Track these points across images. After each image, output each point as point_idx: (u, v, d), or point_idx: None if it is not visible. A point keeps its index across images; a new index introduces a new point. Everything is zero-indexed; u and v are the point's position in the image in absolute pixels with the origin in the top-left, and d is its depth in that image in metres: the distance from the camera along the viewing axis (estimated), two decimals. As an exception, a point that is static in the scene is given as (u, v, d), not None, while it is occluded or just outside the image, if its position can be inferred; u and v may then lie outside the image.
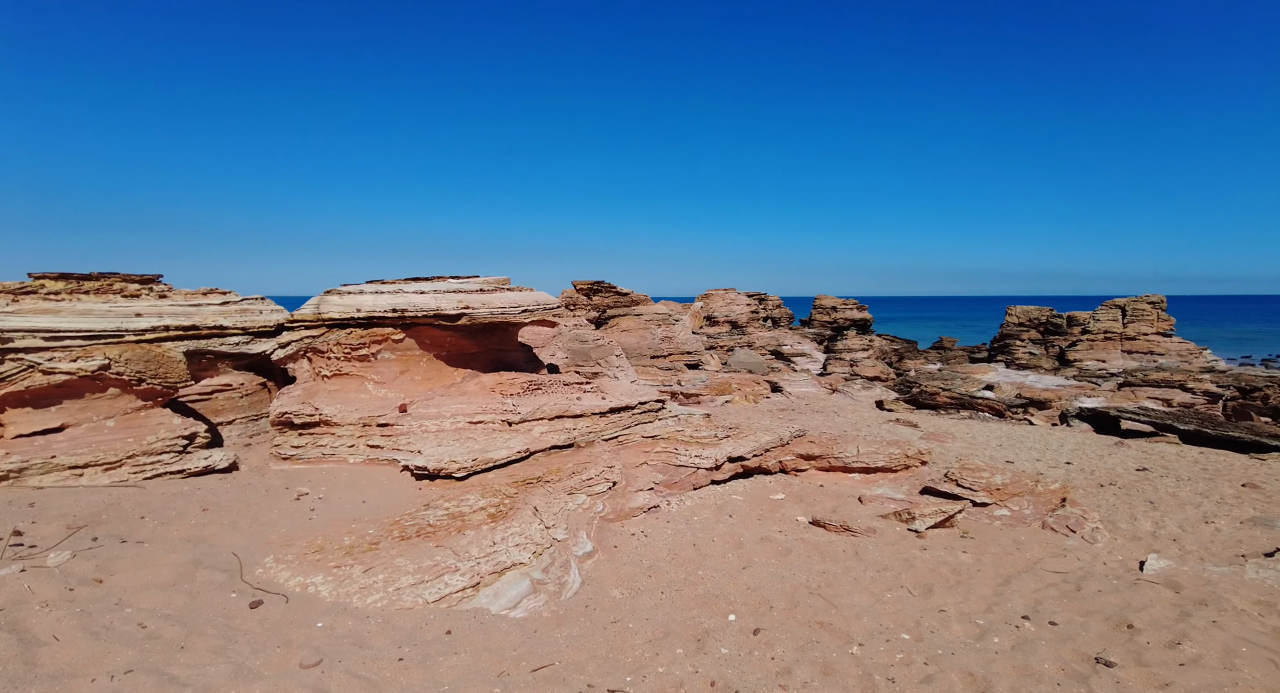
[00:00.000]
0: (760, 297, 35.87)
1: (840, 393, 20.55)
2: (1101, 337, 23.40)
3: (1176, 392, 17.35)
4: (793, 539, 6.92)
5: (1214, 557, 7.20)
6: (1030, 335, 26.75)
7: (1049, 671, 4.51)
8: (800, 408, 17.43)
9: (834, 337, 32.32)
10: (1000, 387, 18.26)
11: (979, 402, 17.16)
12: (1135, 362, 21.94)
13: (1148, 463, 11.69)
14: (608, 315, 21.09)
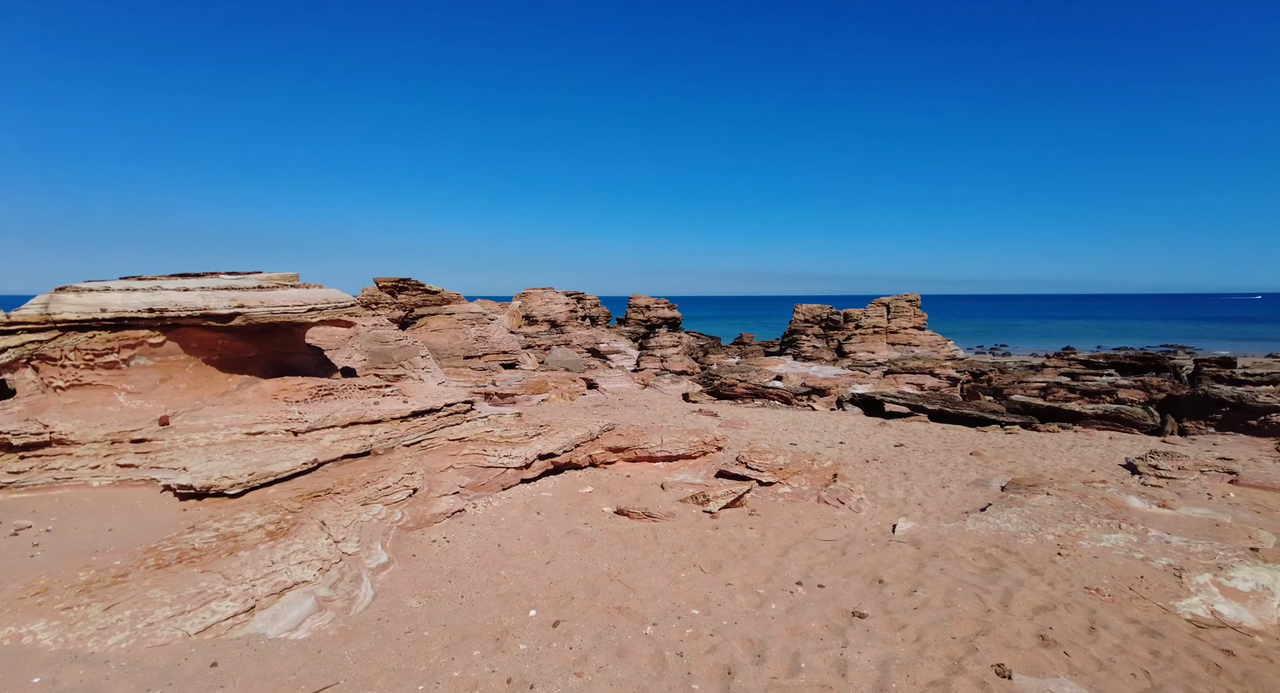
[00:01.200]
0: (578, 296, 36.31)
1: (651, 387, 21.44)
2: (871, 331, 26.82)
3: (927, 377, 20.38)
4: (597, 530, 7.11)
5: (947, 515, 8.55)
6: (814, 331, 29.90)
7: (814, 628, 5.09)
8: (614, 403, 17.92)
9: (647, 334, 33.63)
10: (788, 377, 20.17)
11: (770, 391, 18.81)
12: (898, 352, 25.41)
13: (904, 440, 13.58)
14: (415, 315, 20.12)
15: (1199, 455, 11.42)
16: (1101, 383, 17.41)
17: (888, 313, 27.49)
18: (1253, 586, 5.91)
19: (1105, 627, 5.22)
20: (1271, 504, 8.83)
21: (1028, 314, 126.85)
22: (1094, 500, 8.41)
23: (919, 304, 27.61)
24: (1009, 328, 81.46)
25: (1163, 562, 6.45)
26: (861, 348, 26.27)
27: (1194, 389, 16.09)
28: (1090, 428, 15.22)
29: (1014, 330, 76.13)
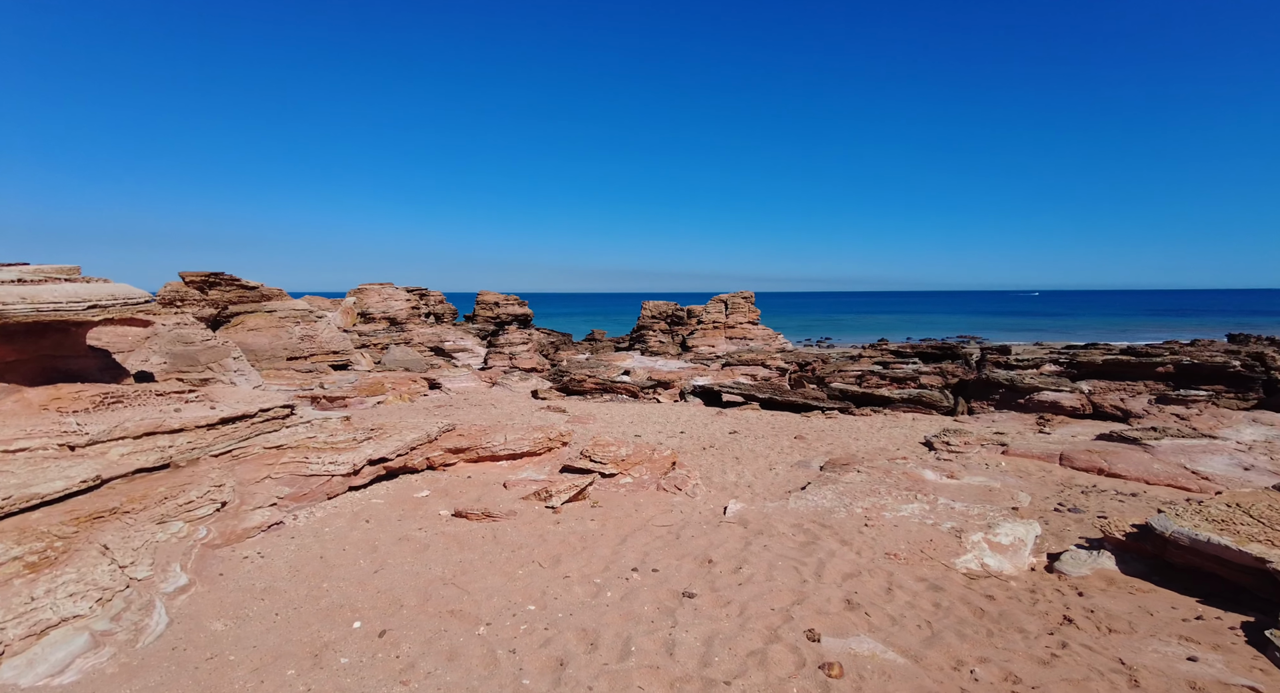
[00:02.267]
0: (421, 292, 34.72)
1: (499, 385, 21.03)
2: (711, 326, 28.17)
3: (760, 368, 21.76)
4: (433, 534, 6.87)
5: (772, 495, 9.19)
6: (661, 327, 30.87)
7: (647, 611, 5.27)
8: (459, 403, 17.37)
9: (496, 332, 32.91)
10: (636, 371, 20.66)
11: (618, 385, 19.17)
12: (735, 346, 26.89)
13: (738, 427, 14.40)
14: (230, 313, 18.20)
15: (980, 431, 13.18)
16: (907, 370, 19.53)
17: (726, 309, 29.00)
18: (1012, 539, 6.92)
19: (900, 587, 5.87)
20: (1030, 470, 10.39)
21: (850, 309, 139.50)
22: (896, 475, 9.44)
23: (753, 301, 29.38)
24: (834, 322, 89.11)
25: (948, 525, 7.37)
26: (703, 342, 27.50)
27: (979, 374, 18.53)
28: (897, 411, 17.04)
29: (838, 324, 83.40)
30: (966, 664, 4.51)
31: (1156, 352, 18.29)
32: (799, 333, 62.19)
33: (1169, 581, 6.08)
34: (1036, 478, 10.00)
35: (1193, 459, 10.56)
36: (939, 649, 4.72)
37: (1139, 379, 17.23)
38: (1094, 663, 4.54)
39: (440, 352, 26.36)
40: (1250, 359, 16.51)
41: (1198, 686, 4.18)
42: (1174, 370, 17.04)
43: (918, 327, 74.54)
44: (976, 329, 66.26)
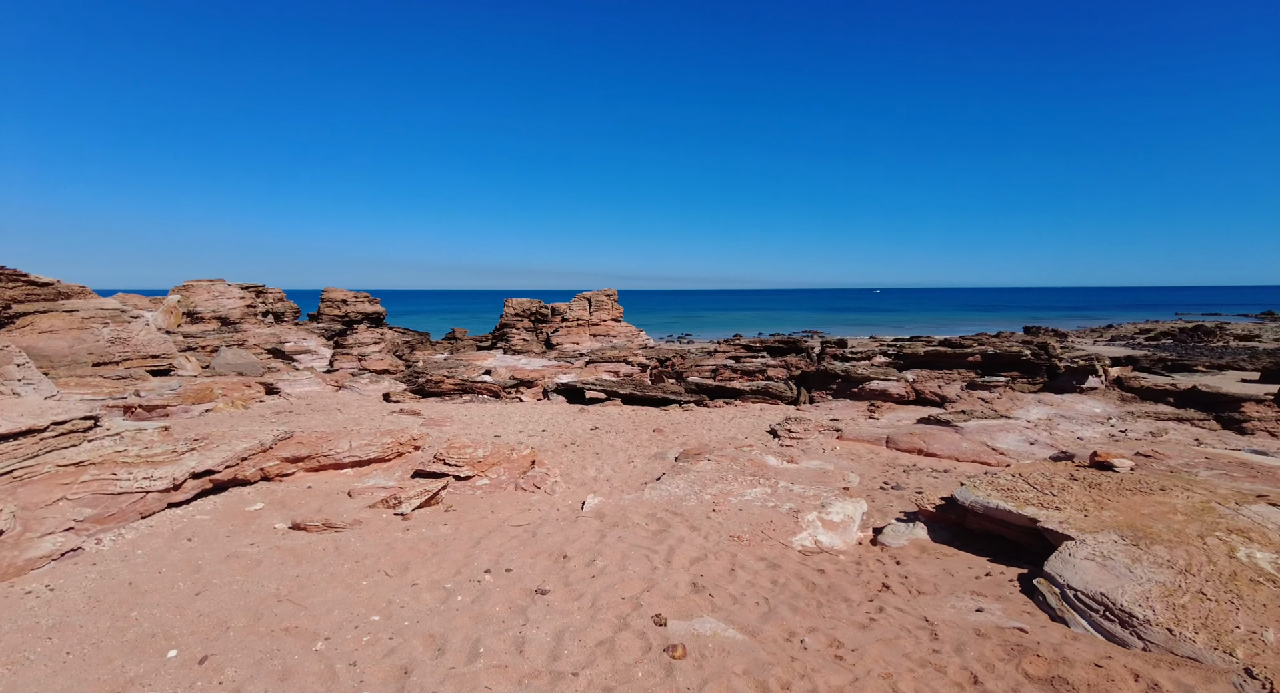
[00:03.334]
0: (258, 289, 31.93)
1: (347, 389, 19.84)
2: (575, 323, 28.27)
3: (622, 365, 22.16)
4: (266, 550, 6.38)
5: (630, 488, 9.42)
6: (524, 324, 30.52)
7: (498, 611, 5.23)
8: (300, 409, 16.17)
9: (344, 332, 30.97)
10: (497, 371, 20.29)
11: (479, 385, 18.74)
12: (598, 342, 27.17)
13: (599, 423, 14.59)
14: (16, 313, 15.76)
15: (819, 419, 14.26)
16: (756, 364, 20.71)
17: (590, 307, 29.22)
18: (842, 517, 7.58)
19: (742, 567, 6.24)
20: (861, 452, 11.41)
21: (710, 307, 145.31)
22: (743, 462, 10.00)
23: (616, 299, 29.83)
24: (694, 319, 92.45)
25: (787, 507, 7.92)
26: (567, 340, 27.53)
27: (819, 366, 20.02)
28: (748, 402, 18.01)
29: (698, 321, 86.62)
30: (798, 635, 4.89)
31: (967, 343, 20.66)
32: (661, 329, 63.90)
33: (968, 544, 6.93)
34: (866, 460, 11.00)
35: (992, 437, 12.07)
36: (774, 623, 5.08)
37: (953, 368, 19.40)
38: (904, 622, 5.09)
39: (280, 354, 24.40)
40: (1038, 349, 19.10)
41: (981, 631, 4.81)
42: (981, 359, 19.34)
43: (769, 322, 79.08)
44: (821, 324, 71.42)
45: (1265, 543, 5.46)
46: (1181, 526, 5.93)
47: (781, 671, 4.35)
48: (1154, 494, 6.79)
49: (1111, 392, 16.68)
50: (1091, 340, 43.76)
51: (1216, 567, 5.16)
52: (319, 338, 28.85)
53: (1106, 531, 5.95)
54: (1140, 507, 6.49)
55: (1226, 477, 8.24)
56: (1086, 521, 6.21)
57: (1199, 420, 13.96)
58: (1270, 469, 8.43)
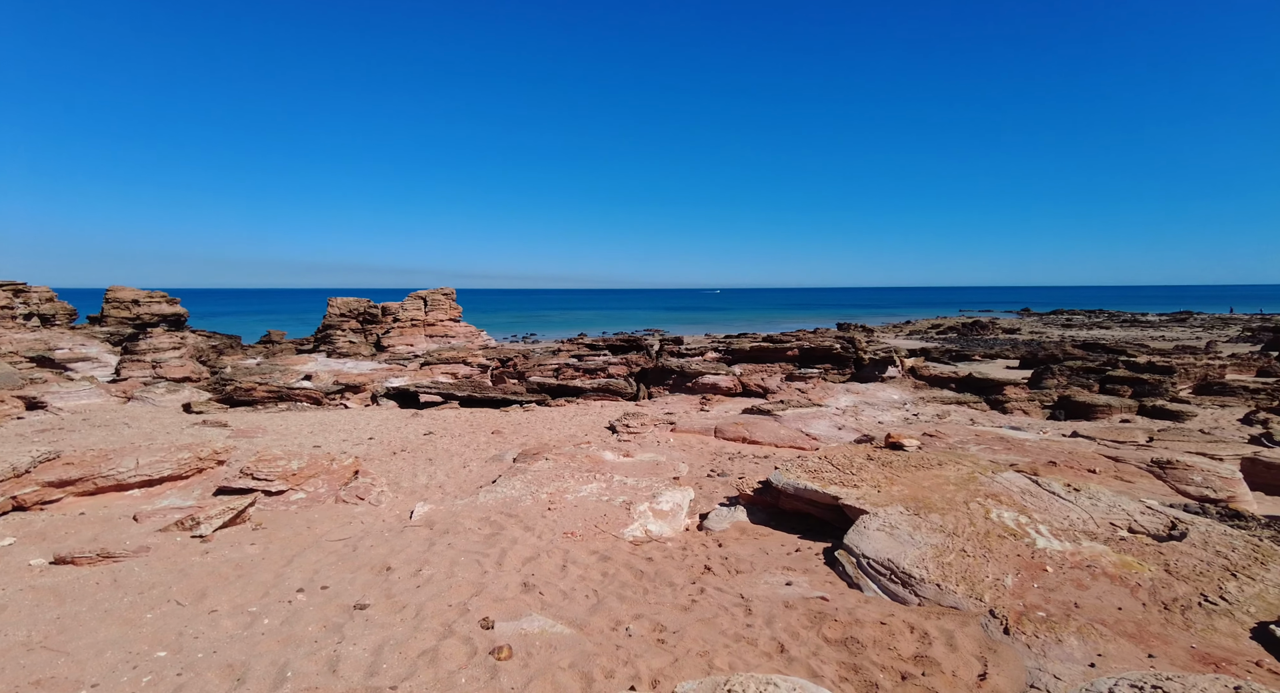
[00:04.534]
0: (17, 288, 27.13)
1: (139, 400, 17.43)
2: (409, 324, 26.94)
3: (461, 366, 21.48)
4: (15, 592, 5.44)
5: (464, 492, 9.17)
6: (351, 325, 28.56)
7: (310, 632, 4.87)
8: (75, 425, 13.97)
9: (136, 336, 27.17)
10: (319, 375, 18.84)
11: (297, 392, 17.28)
12: (435, 343, 26.10)
13: (434, 427, 14.04)
14: None
15: (655, 413, 14.76)
16: (598, 362, 21.00)
17: (425, 306, 27.99)
18: (671, 505, 7.91)
19: (574, 563, 6.31)
20: (692, 443, 11.97)
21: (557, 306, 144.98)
22: (580, 459, 10.11)
23: (455, 297, 28.84)
24: (540, 318, 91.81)
25: (620, 500, 8.12)
26: (400, 341, 26.16)
27: (657, 362, 20.72)
28: (590, 399, 18.22)
29: (544, 320, 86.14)
30: (623, 623, 5.04)
31: (787, 339, 22.33)
32: (505, 329, 62.77)
33: (783, 524, 7.52)
34: (696, 450, 11.56)
35: (807, 424, 13.17)
36: (602, 614, 5.20)
37: (776, 361, 20.90)
38: (723, 601, 5.42)
39: (48, 362, 20.91)
40: (847, 343, 21.12)
41: (789, 603, 5.26)
42: (799, 354, 21.01)
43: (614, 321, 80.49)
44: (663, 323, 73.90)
45: (1010, 504, 6.47)
46: (952, 494, 6.85)
47: (606, 660, 4.46)
48: (933, 469, 7.78)
49: (907, 380, 18.87)
50: (893, 335, 49.17)
51: (976, 527, 6.02)
52: (102, 344, 25.09)
53: (895, 504, 6.72)
54: (922, 481, 7.41)
55: (989, 450, 9.64)
56: (879, 495, 6.98)
57: (973, 403, 16.21)
58: (1020, 442, 9.98)
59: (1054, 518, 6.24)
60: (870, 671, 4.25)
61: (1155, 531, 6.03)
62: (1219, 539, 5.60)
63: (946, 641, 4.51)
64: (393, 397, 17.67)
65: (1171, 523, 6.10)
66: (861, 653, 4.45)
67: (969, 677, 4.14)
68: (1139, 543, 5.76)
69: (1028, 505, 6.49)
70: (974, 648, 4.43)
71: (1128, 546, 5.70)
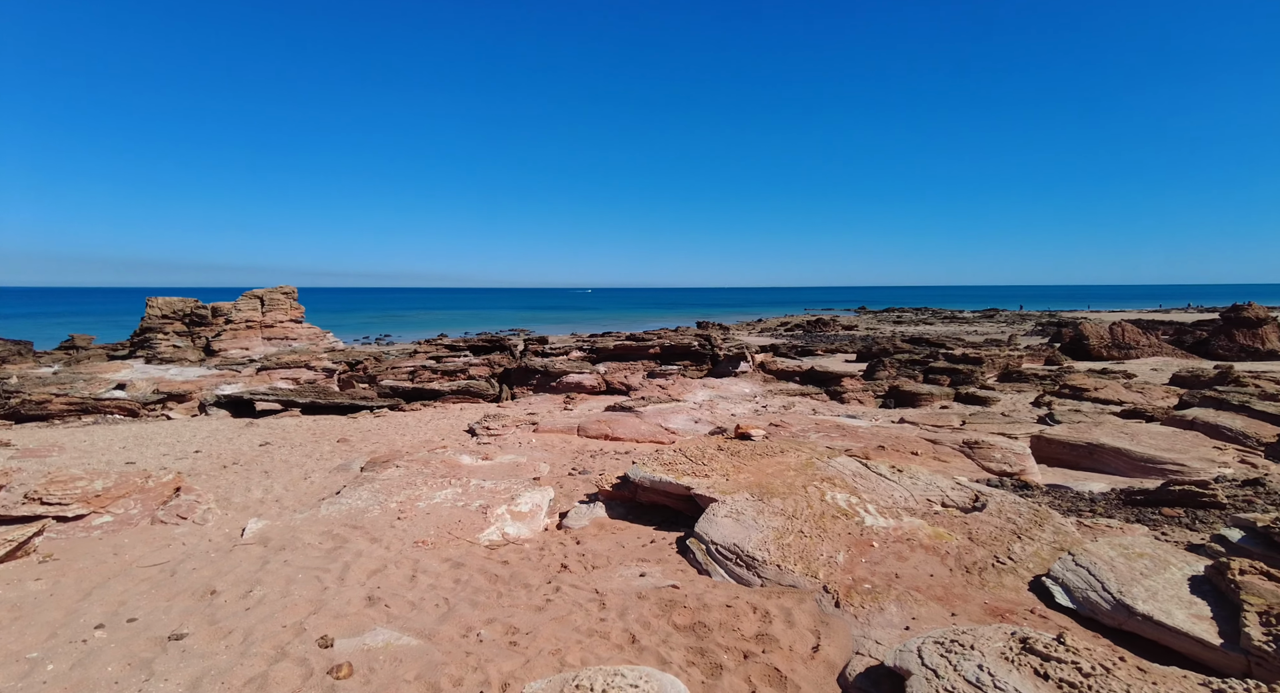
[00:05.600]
0: None
1: (-110, 419, 14.59)
2: (244, 325, 24.61)
3: (304, 370, 19.97)
4: None
5: (305, 505, 8.52)
6: (175, 327, 25.60)
7: (110, 673, 4.31)
8: None
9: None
10: (135, 384, 16.76)
11: (107, 403, 15.26)
12: (274, 347, 24.06)
13: (271, 437, 12.94)
14: None
15: (517, 414, 14.54)
16: (458, 363, 20.35)
17: (263, 306, 25.72)
18: (530, 506, 7.82)
19: (424, 572, 6.06)
20: (555, 442, 11.91)
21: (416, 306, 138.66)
22: (435, 465, 9.74)
23: (296, 297, 26.75)
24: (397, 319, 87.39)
25: (477, 504, 7.91)
26: (234, 345, 23.85)
27: (521, 363, 20.43)
28: (448, 402, 17.61)
29: (401, 321, 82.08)
30: (475, 629, 4.91)
31: (649, 337, 22.83)
32: (357, 331, 59.13)
33: (640, 517, 7.67)
34: (559, 449, 11.52)
35: (666, 419, 13.53)
36: (452, 622, 5.03)
37: (638, 359, 21.31)
38: (578, 598, 5.43)
39: None
40: (704, 340, 21.95)
41: (642, 594, 5.37)
42: (660, 351, 21.55)
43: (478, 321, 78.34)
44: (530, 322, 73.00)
45: (843, 486, 7.02)
46: (792, 479, 7.32)
47: (455, 668, 4.32)
48: (776, 456, 8.27)
49: (757, 374, 19.94)
50: (747, 332, 51.79)
51: (813, 509, 6.47)
52: None
53: (742, 491, 7.07)
54: (767, 467, 7.85)
55: (827, 438, 10.40)
56: (728, 484, 7.30)
57: (816, 394, 17.43)
58: (854, 429, 10.86)
59: (880, 497, 6.84)
60: (715, 653, 4.44)
61: (963, 504, 6.79)
62: (1010, 508, 6.41)
63: (785, 618, 4.81)
64: (224, 405, 16.07)
65: (975, 496, 6.90)
66: (708, 636, 4.64)
67: (804, 650, 4.44)
68: (949, 516, 6.46)
69: (858, 487, 7.07)
70: (809, 623, 4.76)
71: (940, 518, 6.38)
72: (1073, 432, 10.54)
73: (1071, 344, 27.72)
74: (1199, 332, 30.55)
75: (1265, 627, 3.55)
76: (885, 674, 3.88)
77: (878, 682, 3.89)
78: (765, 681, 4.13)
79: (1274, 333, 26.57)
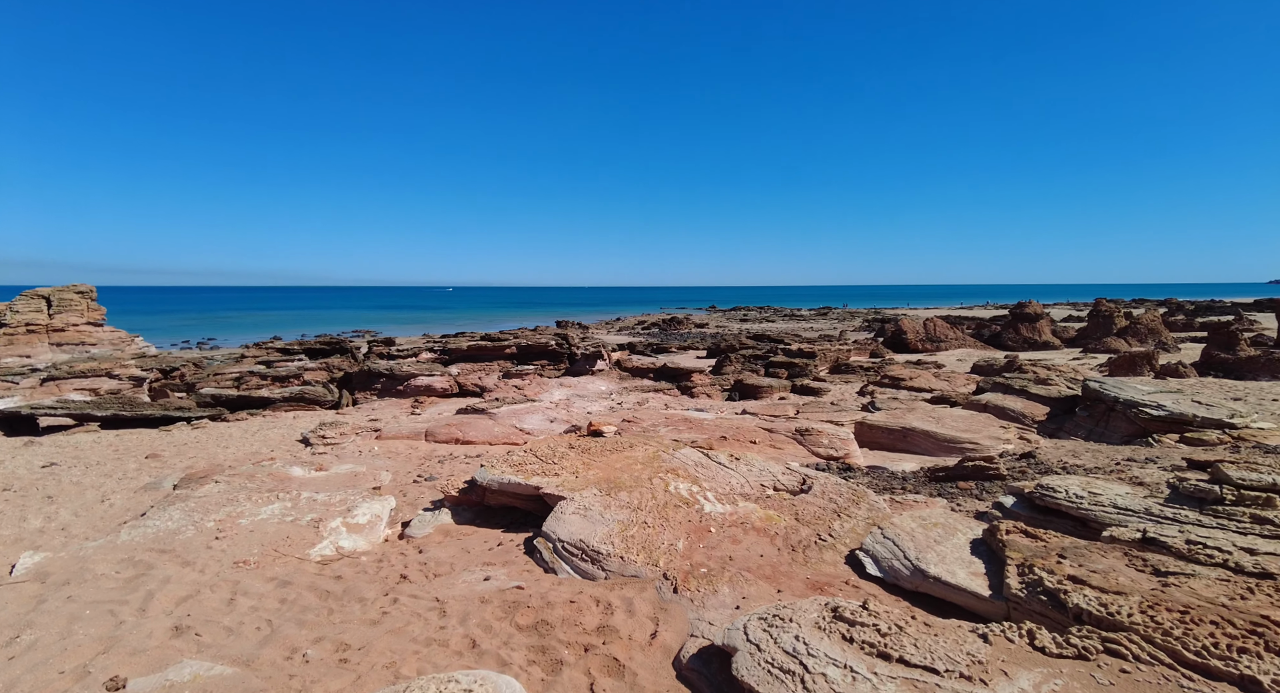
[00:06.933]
0: None
1: None
2: (24, 329, 21.10)
3: (105, 379, 17.52)
4: None
5: (100, 531, 7.52)
6: (-71, 332, 21.42)
7: None
8: None
9: None
10: None
11: None
12: (66, 354, 20.86)
13: (59, 457, 11.26)
14: None
15: (358, 420, 13.72)
16: (292, 368, 18.82)
17: (49, 307, 22.22)
18: (369, 517, 7.41)
19: (245, 594, 5.56)
20: (400, 449, 11.38)
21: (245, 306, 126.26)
22: (261, 478, 8.95)
23: (94, 297, 23.39)
24: (223, 321, 79.13)
25: (308, 518, 7.37)
26: (10, 351, 20.40)
27: (364, 366, 19.27)
28: (280, 410, 16.25)
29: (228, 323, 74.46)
30: (300, 650, 4.58)
31: (505, 337, 22.43)
32: (174, 334, 52.89)
33: (489, 521, 7.52)
34: (404, 456, 11.00)
35: (520, 420, 13.37)
36: (275, 645, 4.66)
37: (494, 360, 20.88)
38: (416, 608, 5.23)
39: None
40: (562, 339, 21.93)
41: (485, 598, 5.28)
42: (516, 351, 21.25)
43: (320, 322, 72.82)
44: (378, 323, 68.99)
45: (686, 476, 7.32)
46: (639, 472, 7.51)
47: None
48: (625, 451, 8.44)
49: (614, 372, 20.24)
50: (606, 331, 52.39)
51: (657, 500, 6.68)
52: None
53: (590, 487, 7.15)
54: (615, 463, 8.00)
55: (675, 431, 10.78)
56: (577, 481, 7.35)
57: (668, 389, 18.00)
58: (700, 422, 11.34)
59: (719, 485, 7.20)
60: (557, 649, 4.46)
61: (792, 487, 7.32)
62: (833, 489, 7.00)
63: (627, 608, 4.93)
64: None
65: (803, 480, 7.46)
66: (550, 633, 4.65)
67: (643, 637, 4.58)
68: (780, 499, 6.94)
69: (700, 477, 7.39)
70: (649, 611, 4.91)
71: (772, 502, 6.83)
72: (890, 417, 11.69)
73: (893, 338, 30.74)
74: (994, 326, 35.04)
75: (1021, 576, 4.15)
76: (715, 653, 4.10)
77: (709, 661, 4.10)
78: (604, 671, 4.21)
79: (1048, 326, 31.07)
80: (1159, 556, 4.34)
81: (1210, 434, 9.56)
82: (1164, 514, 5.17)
